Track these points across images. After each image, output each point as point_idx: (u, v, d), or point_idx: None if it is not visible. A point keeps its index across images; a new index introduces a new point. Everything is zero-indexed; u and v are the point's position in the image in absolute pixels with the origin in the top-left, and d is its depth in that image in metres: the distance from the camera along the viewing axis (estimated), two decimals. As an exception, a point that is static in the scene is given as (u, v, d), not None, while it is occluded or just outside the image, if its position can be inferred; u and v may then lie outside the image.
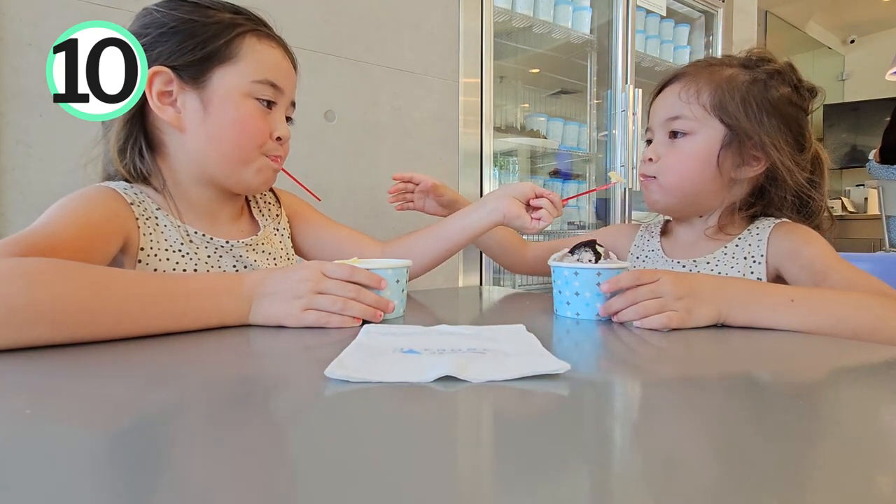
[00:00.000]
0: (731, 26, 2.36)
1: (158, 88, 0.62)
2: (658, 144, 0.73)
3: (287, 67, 0.70)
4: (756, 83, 0.68)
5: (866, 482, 0.21)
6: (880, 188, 2.79)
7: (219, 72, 0.63)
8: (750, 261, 0.69)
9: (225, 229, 0.71)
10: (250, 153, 0.66)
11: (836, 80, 4.83)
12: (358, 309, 0.52)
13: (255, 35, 0.66)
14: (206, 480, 0.20)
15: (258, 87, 0.65)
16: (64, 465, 0.21)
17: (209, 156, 0.65)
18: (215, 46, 0.63)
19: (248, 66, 0.64)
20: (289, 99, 0.71)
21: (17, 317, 0.38)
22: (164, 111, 0.62)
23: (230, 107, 0.64)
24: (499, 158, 1.94)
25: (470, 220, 0.77)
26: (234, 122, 0.64)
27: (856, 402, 0.32)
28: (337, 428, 0.26)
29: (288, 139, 0.71)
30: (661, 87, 0.76)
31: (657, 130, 0.74)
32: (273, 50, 0.68)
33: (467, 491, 0.20)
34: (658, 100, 0.75)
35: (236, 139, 0.65)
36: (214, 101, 0.63)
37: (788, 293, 0.54)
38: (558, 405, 0.30)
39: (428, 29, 1.48)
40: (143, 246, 0.61)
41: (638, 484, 0.20)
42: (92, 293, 0.42)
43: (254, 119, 0.65)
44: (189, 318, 0.46)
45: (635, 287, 0.53)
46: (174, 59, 0.62)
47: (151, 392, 0.31)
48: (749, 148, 0.68)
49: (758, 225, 0.72)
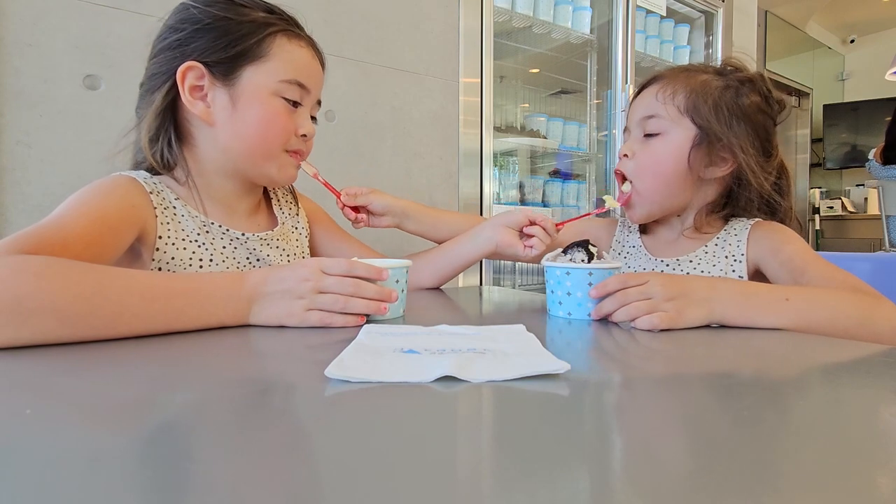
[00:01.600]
0: (731, 26, 2.36)
1: (191, 83, 0.63)
2: (634, 142, 0.77)
3: (315, 68, 0.71)
4: (728, 89, 0.72)
5: (866, 482, 0.21)
6: (880, 188, 2.80)
7: (249, 70, 0.65)
8: (731, 259, 0.72)
9: (242, 222, 0.72)
10: (274, 149, 0.68)
11: (836, 80, 4.83)
12: (361, 305, 0.52)
13: (285, 35, 0.67)
14: (206, 480, 0.20)
15: (285, 87, 0.66)
16: (64, 465, 0.21)
17: (235, 149, 0.67)
18: (247, 45, 0.64)
19: (277, 65, 0.66)
20: (315, 98, 0.72)
21: (23, 307, 0.39)
22: (194, 105, 0.64)
23: (258, 104, 0.65)
24: (499, 158, 1.94)
25: (462, 250, 0.81)
26: (261, 119, 0.66)
27: (855, 402, 0.32)
28: (337, 428, 0.26)
29: (312, 136, 0.73)
30: (640, 88, 0.80)
31: (633, 128, 0.78)
32: (302, 50, 0.69)
33: (467, 491, 0.20)
34: (637, 100, 0.79)
35: (262, 136, 0.67)
36: (243, 98, 0.65)
37: (782, 293, 0.55)
38: (558, 405, 0.30)
39: (428, 29, 1.48)
40: (160, 234, 0.62)
41: (638, 484, 0.20)
42: (95, 288, 0.42)
43: (279, 117, 0.67)
44: (189, 317, 0.46)
45: (624, 289, 0.54)
46: (207, 55, 0.63)
47: (151, 392, 0.31)
48: (718, 149, 0.71)
49: (734, 225, 0.75)
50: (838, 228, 4.30)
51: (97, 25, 0.99)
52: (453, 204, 1.56)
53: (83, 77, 0.98)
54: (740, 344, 0.48)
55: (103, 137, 0.98)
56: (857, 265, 0.96)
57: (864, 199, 4.36)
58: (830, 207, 4.36)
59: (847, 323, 0.53)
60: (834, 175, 4.72)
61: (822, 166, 4.57)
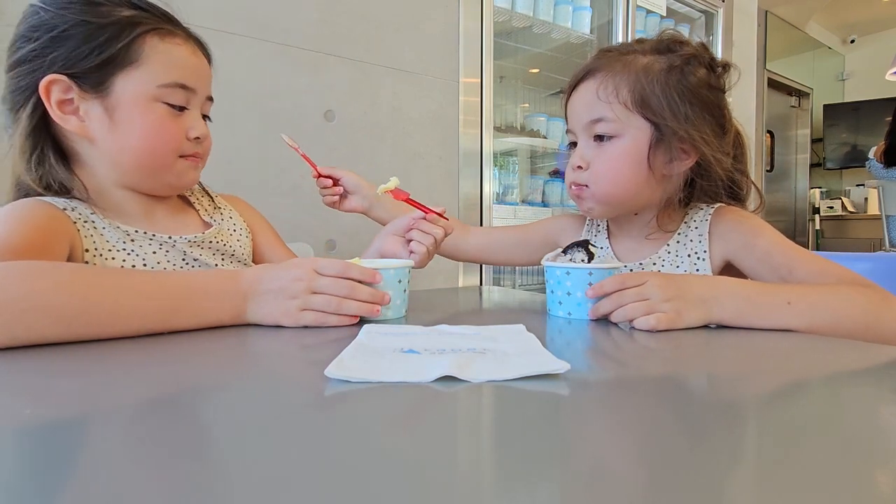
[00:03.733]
0: (731, 26, 2.36)
1: (57, 97, 0.57)
2: (584, 149, 0.69)
3: (197, 64, 0.64)
4: (673, 70, 0.65)
5: (866, 482, 0.21)
6: (880, 188, 2.79)
7: (121, 77, 0.58)
8: (694, 258, 0.68)
9: (165, 225, 0.67)
10: (165, 159, 0.63)
11: (836, 80, 4.83)
12: (354, 307, 0.51)
13: (157, 34, 0.61)
14: (207, 480, 0.20)
15: (166, 92, 0.61)
16: (64, 465, 0.21)
17: (125, 163, 0.61)
18: (114, 50, 0.57)
19: (152, 68, 0.60)
20: (203, 95, 0.66)
21: (15, 306, 0.38)
22: (66, 121, 0.58)
23: (137, 114, 0.60)
24: (499, 158, 1.94)
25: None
26: (143, 130, 0.60)
27: (855, 402, 0.32)
28: (337, 428, 0.26)
29: (206, 137, 0.67)
30: (574, 83, 0.71)
31: (580, 133, 0.70)
32: (179, 48, 0.62)
33: (467, 491, 0.20)
34: (575, 98, 0.70)
35: (150, 147, 0.61)
36: (119, 108, 0.59)
37: (784, 295, 0.54)
38: (558, 405, 0.30)
39: (428, 29, 1.49)
40: (87, 248, 0.58)
41: (638, 483, 0.20)
42: (88, 286, 0.42)
43: (164, 125, 0.61)
44: (185, 315, 0.46)
45: (621, 290, 0.53)
46: (70, 65, 0.57)
47: (150, 392, 0.31)
48: (677, 143, 0.65)
49: (693, 217, 0.71)
50: (838, 228, 4.30)
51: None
52: (453, 204, 1.56)
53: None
54: (739, 344, 0.48)
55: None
56: (857, 265, 0.96)
57: (864, 199, 4.36)
58: (830, 207, 4.36)
59: (851, 327, 0.52)
60: (834, 175, 4.71)
61: (822, 166, 4.57)
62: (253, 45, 1.21)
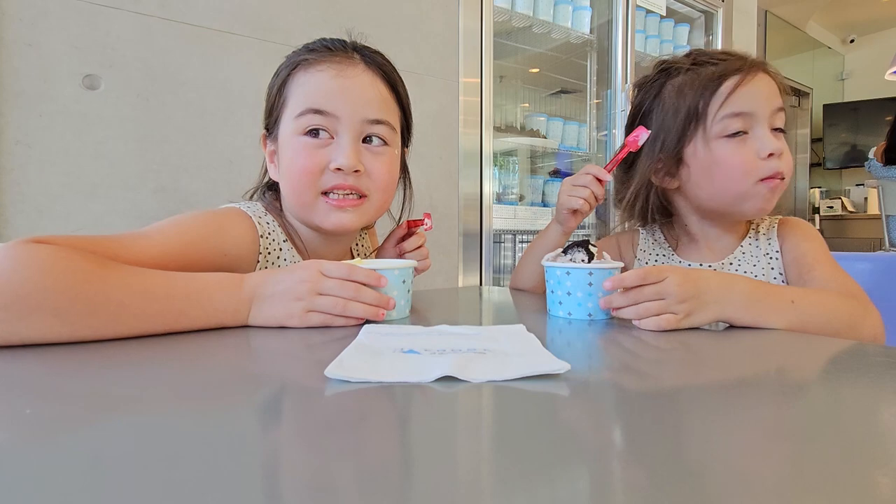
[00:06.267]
0: (730, 26, 2.36)
1: (268, 150, 0.68)
2: (774, 139, 0.68)
3: (342, 85, 0.60)
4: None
5: (866, 482, 0.21)
6: (880, 188, 2.80)
7: (281, 120, 0.64)
8: (767, 258, 0.74)
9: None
10: (305, 194, 0.62)
11: (836, 80, 4.83)
12: (359, 310, 0.51)
13: (301, 67, 0.62)
14: (207, 480, 0.20)
15: (302, 122, 0.60)
16: (64, 465, 0.21)
17: (285, 203, 0.68)
18: (275, 97, 0.64)
19: (294, 101, 0.62)
20: (354, 119, 0.61)
21: (24, 303, 0.38)
22: (272, 169, 0.68)
23: (284, 152, 0.64)
24: (499, 158, 1.94)
25: None
26: (286, 167, 0.63)
27: (855, 402, 0.32)
28: (337, 428, 0.26)
29: (352, 168, 0.60)
30: (747, 68, 0.68)
31: (762, 121, 0.67)
32: (320, 73, 0.61)
33: (467, 491, 0.20)
34: (762, 85, 0.68)
35: (290, 182, 0.63)
36: (279, 150, 0.65)
37: (787, 294, 0.56)
38: (558, 405, 0.30)
39: (428, 29, 1.48)
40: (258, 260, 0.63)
41: (638, 484, 0.20)
42: (97, 288, 0.42)
43: (298, 157, 0.61)
44: (189, 318, 0.46)
45: (639, 286, 0.53)
46: (266, 121, 0.67)
47: (151, 392, 0.31)
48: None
49: (757, 221, 0.77)
50: (838, 228, 4.30)
51: (96, 25, 0.99)
52: (453, 204, 1.56)
53: (82, 77, 0.98)
54: (740, 344, 0.48)
55: (102, 137, 0.98)
56: (857, 265, 0.96)
57: (864, 198, 4.36)
58: (830, 207, 4.36)
59: (838, 326, 0.56)
60: (834, 175, 4.72)
61: (822, 166, 4.57)
62: (253, 45, 1.20)
